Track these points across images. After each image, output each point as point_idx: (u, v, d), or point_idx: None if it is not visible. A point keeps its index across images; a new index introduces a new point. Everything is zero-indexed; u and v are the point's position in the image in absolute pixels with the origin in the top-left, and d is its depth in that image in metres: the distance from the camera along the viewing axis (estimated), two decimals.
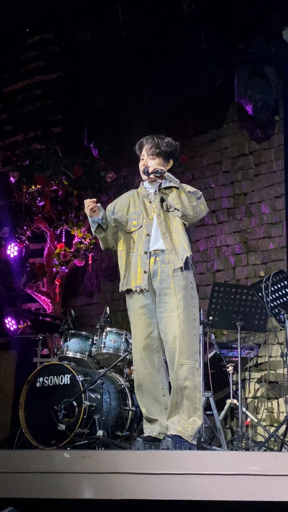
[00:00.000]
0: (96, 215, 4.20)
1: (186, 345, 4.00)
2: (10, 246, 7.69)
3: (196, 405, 4.01)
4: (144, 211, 4.22)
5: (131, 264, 4.19)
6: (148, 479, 3.30)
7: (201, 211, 4.15)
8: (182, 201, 4.07)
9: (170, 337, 4.04)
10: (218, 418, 5.33)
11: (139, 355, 4.15)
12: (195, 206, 4.09)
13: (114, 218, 4.27)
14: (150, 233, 4.16)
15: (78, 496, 3.41)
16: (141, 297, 4.14)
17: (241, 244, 6.77)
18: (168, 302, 4.06)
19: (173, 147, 4.28)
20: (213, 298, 5.48)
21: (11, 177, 7.46)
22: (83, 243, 7.51)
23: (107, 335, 5.55)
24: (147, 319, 4.13)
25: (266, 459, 3.25)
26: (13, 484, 3.57)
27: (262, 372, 6.25)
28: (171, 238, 4.10)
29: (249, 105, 6.48)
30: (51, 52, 8.44)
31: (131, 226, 4.24)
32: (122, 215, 4.26)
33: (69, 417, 5.06)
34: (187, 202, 4.07)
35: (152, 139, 4.27)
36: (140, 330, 4.15)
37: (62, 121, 8.31)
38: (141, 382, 4.15)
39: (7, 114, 8.58)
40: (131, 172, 7.74)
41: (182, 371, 3.99)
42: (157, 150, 4.22)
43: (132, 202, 4.29)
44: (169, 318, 4.04)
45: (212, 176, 7.01)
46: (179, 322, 4.00)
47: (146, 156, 4.26)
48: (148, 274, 4.12)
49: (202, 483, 3.21)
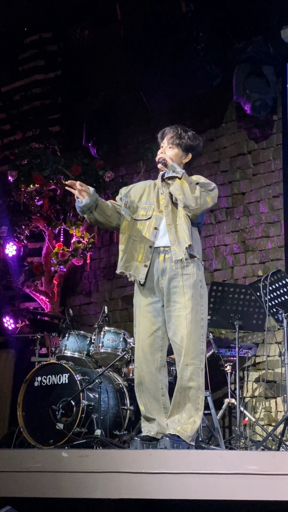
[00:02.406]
0: (83, 198, 4.07)
1: (193, 346, 3.98)
2: (8, 245, 7.69)
3: (198, 405, 4.00)
4: (156, 203, 4.16)
5: (133, 251, 4.10)
6: (146, 479, 3.30)
7: (205, 203, 4.05)
8: (184, 191, 4.01)
9: (178, 336, 4.02)
10: (216, 418, 5.34)
11: (142, 352, 4.12)
12: (197, 197, 4.01)
13: (125, 201, 4.19)
14: (158, 227, 4.11)
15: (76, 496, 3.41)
16: (148, 295, 4.10)
17: (239, 244, 6.77)
18: (177, 301, 4.02)
19: (196, 142, 4.23)
20: (211, 298, 5.48)
21: (9, 176, 7.45)
22: (81, 242, 7.51)
23: (105, 334, 5.55)
24: (152, 317, 4.10)
25: (264, 459, 3.25)
26: (11, 483, 3.57)
27: (260, 372, 6.26)
28: (176, 230, 4.04)
29: (247, 105, 6.49)
30: (49, 51, 8.44)
31: (139, 214, 4.16)
32: (134, 200, 4.18)
33: (67, 416, 5.06)
34: (189, 193, 4.00)
35: (176, 128, 4.20)
36: (144, 328, 4.12)
37: (60, 120, 8.31)
38: (141, 380, 4.13)
39: (5, 113, 8.58)
40: (130, 171, 7.74)
41: (187, 371, 3.98)
42: (178, 140, 4.17)
43: (147, 191, 4.22)
44: (177, 318, 4.01)
45: (211, 175, 7.01)
46: (186, 322, 3.98)
47: (166, 145, 4.19)
48: (149, 270, 4.06)
49: (200, 483, 3.21)
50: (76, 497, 3.41)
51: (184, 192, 4.02)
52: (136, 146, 7.60)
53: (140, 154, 7.38)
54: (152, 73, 6.83)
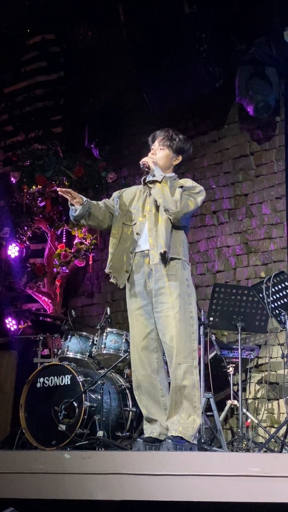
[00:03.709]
0: (77, 204, 4.16)
1: (183, 344, 4.00)
2: (10, 246, 7.69)
3: (195, 403, 4.01)
4: (141, 208, 4.21)
5: (120, 255, 4.19)
6: (148, 480, 3.30)
7: (185, 206, 4.04)
8: (164, 194, 4.03)
9: (167, 337, 4.04)
10: (218, 419, 5.33)
11: (138, 356, 4.16)
12: (177, 200, 4.01)
13: (116, 206, 4.26)
14: (140, 232, 4.16)
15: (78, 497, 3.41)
16: (138, 299, 4.16)
17: (242, 245, 6.76)
18: (164, 302, 4.05)
19: (187, 145, 4.30)
20: (213, 299, 5.48)
21: (12, 177, 7.46)
22: (83, 244, 7.51)
23: (107, 335, 5.55)
24: (144, 320, 4.13)
25: (266, 460, 3.24)
26: (13, 484, 3.57)
27: (262, 373, 6.25)
28: (156, 233, 4.09)
29: (250, 106, 6.48)
30: (52, 52, 8.45)
31: (127, 219, 4.23)
32: (125, 204, 4.26)
33: (69, 417, 5.07)
34: (169, 196, 4.02)
35: (167, 131, 4.27)
36: (137, 331, 4.16)
37: (63, 121, 8.32)
38: (140, 383, 4.16)
39: (8, 114, 8.59)
40: (132, 173, 7.74)
41: (180, 370, 3.99)
42: (169, 142, 4.23)
43: (137, 196, 4.27)
44: (166, 318, 4.04)
45: (213, 177, 7.01)
46: (175, 322, 4.00)
47: (157, 146, 4.25)
48: (135, 274, 4.14)
49: (202, 484, 3.20)
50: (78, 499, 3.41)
51: (164, 195, 4.04)
52: (138, 147, 7.58)
53: (143, 155, 7.34)
54: (154, 75, 6.83)
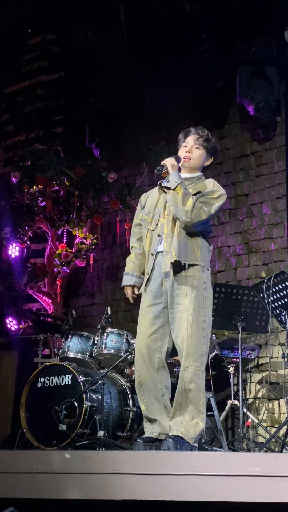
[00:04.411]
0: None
1: (193, 348, 3.99)
2: (11, 246, 7.69)
3: (200, 407, 4.01)
4: (163, 210, 4.18)
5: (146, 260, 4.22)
6: (149, 480, 3.30)
7: (197, 216, 3.98)
8: (176, 203, 4.00)
9: (179, 338, 4.04)
10: (219, 419, 5.34)
11: (140, 353, 4.16)
12: (188, 210, 3.96)
13: (141, 216, 4.28)
14: (161, 234, 4.14)
15: (79, 497, 3.41)
16: (150, 297, 4.14)
17: (243, 245, 6.76)
18: (180, 303, 4.04)
19: (218, 149, 4.33)
20: (214, 299, 5.44)
21: (12, 177, 7.46)
22: (84, 244, 7.51)
23: (108, 335, 5.55)
24: (152, 318, 4.12)
25: (267, 460, 3.25)
26: (14, 484, 3.57)
27: (263, 373, 6.25)
28: (171, 240, 4.07)
29: (250, 106, 6.48)
30: (52, 52, 8.44)
31: (152, 223, 4.21)
32: (150, 210, 4.24)
33: (70, 417, 5.06)
34: (180, 205, 3.98)
35: (203, 130, 4.24)
36: (143, 328, 4.15)
37: (63, 121, 8.31)
38: (141, 380, 4.16)
39: (8, 114, 8.59)
40: (133, 173, 7.74)
41: (187, 373, 3.99)
42: (206, 142, 4.20)
43: (160, 199, 4.23)
44: (180, 319, 4.03)
45: (214, 176, 6.98)
46: (187, 324, 4.00)
47: (192, 144, 4.19)
48: (150, 274, 4.12)
49: (202, 484, 3.21)
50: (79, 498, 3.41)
51: (176, 204, 4.01)
52: (139, 147, 7.60)
53: (143, 155, 7.38)
54: (155, 75, 6.83)
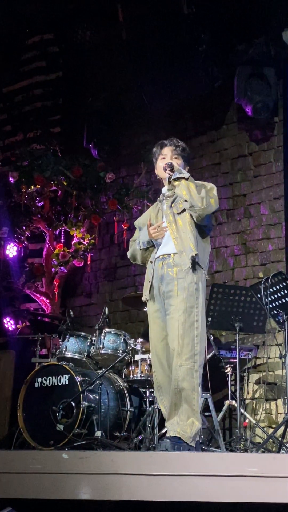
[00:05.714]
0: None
1: (185, 347, 4.01)
2: (9, 246, 7.69)
3: (194, 407, 4.01)
4: (165, 219, 4.28)
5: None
6: (146, 480, 3.30)
7: (209, 204, 4.15)
8: (190, 191, 4.14)
9: (171, 338, 4.07)
10: (216, 419, 5.33)
11: (156, 357, 4.21)
12: (203, 197, 4.13)
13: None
14: (161, 241, 4.23)
15: (76, 497, 3.41)
16: (155, 302, 4.21)
17: (240, 245, 6.77)
18: (172, 304, 4.10)
19: (190, 155, 4.52)
20: (211, 299, 5.48)
21: (10, 177, 7.46)
22: (82, 244, 7.51)
23: (105, 335, 5.55)
24: (161, 322, 4.19)
25: (264, 461, 3.25)
26: (11, 484, 3.56)
27: (260, 373, 6.25)
28: (181, 239, 4.14)
29: (248, 106, 6.49)
30: (50, 52, 8.45)
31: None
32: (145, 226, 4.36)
33: (67, 417, 5.07)
34: (195, 193, 4.13)
35: (177, 141, 4.41)
36: (155, 333, 4.22)
37: (61, 121, 8.32)
38: (160, 384, 4.21)
39: (6, 114, 8.59)
40: (131, 173, 7.74)
41: (180, 372, 4.00)
42: (182, 152, 4.38)
43: (153, 216, 4.37)
44: (171, 320, 4.08)
45: (211, 177, 7.01)
46: (178, 323, 4.03)
47: (171, 155, 4.35)
48: (151, 280, 4.18)
49: (200, 485, 3.20)
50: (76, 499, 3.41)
51: (190, 192, 4.15)
52: (137, 147, 7.60)
53: (141, 156, 7.38)
54: (153, 75, 6.84)
